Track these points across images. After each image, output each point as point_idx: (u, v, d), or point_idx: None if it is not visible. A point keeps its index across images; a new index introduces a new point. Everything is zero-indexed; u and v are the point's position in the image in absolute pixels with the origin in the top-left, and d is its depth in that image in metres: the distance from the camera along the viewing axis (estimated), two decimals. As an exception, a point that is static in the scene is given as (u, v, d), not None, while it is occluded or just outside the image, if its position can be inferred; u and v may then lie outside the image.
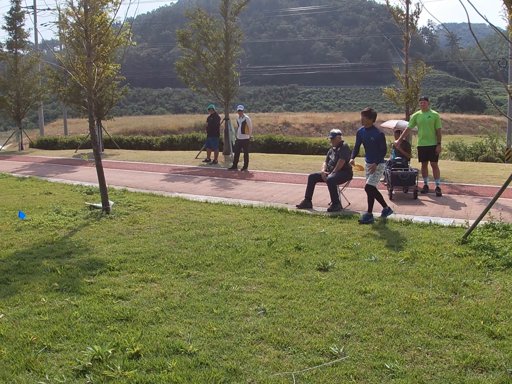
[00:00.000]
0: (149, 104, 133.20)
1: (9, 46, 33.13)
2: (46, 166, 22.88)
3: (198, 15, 22.64)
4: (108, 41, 11.92)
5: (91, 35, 11.43)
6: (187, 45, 23.02)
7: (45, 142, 37.72)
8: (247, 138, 18.56)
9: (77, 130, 58.19)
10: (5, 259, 8.33)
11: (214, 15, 23.46)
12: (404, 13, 17.81)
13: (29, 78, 33.04)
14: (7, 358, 4.95)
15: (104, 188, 11.60)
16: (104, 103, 27.73)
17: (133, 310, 5.92)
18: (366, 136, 10.49)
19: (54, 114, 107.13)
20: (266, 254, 8.02)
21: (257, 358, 4.80)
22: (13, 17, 33.20)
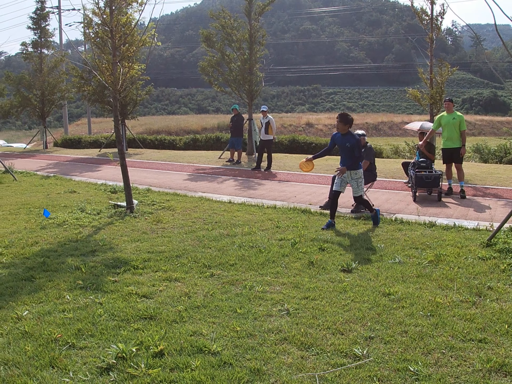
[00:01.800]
0: (173, 104, 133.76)
1: (34, 45, 33.49)
2: (71, 165, 23.07)
3: (222, 15, 22.69)
4: (133, 42, 11.99)
5: (117, 35, 11.49)
6: (211, 46, 23.07)
7: (69, 141, 38.03)
8: (270, 138, 18.56)
9: (101, 130, 58.62)
10: (30, 256, 8.41)
11: (238, 15, 23.48)
12: (428, 14, 17.69)
13: (54, 77, 33.35)
14: (31, 355, 4.99)
15: (128, 187, 11.66)
16: (128, 103, 27.90)
17: (157, 308, 5.94)
18: (342, 141, 10.05)
19: (78, 114, 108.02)
20: (289, 254, 8.01)
21: (281, 358, 4.79)
22: (38, 17, 33.57)
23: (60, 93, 34.02)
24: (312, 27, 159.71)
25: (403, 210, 11.38)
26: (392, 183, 14.84)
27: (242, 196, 13.46)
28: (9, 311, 6.12)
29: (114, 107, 11.83)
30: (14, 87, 33.52)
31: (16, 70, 45.16)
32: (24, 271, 7.62)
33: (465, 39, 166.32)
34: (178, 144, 32.60)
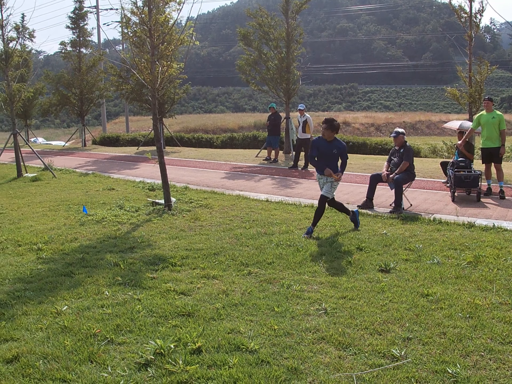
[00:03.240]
0: (209, 103, 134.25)
1: (73, 45, 33.87)
2: (109, 163, 23.30)
3: (259, 14, 22.65)
4: (171, 40, 12.05)
5: (155, 34, 11.57)
6: (249, 44, 23.06)
7: (107, 139, 38.41)
8: (308, 137, 18.50)
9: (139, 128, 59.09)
10: (69, 252, 8.54)
11: (275, 14, 23.42)
12: (467, 11, 17.44)
13: (92, 76, 33.69)
14: (70, 349, 5.06)
15: (166, 185, 11.74)
16: (166, 101, 28.03)
17: (194, 306, 5.98)
18: (328, 148, 9.48)
19: (116, 112, 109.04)
20: (327, 253, 7.98)
21: (318, 357, 4.78)
22: (76, 16, 33.95)
23: (98, 92, 34.37)
24: (348, 25, 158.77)
25: (441, 210, 11.25)
26: (431, 182, 14.68)
27: (279, 194, 13.44)
28: (48, 306, 6.22)
29: (153, 106, 11.91)
30: (53, 85, 33.97)
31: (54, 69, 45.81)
32: (63, 267, 7.74)
33: (504, 37, 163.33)
34: (215, 142, 32.69)
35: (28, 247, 8.97)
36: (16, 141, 19.19)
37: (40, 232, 10.00)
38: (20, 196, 14.65)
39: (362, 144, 26.83)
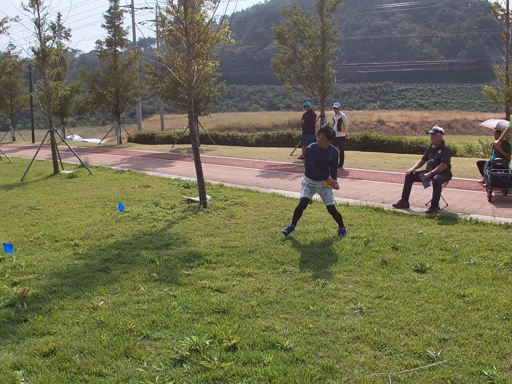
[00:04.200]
0: (244, 101, 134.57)
1: (109, 43, 34.29)
2: (144, 160, 23.48)
3: (294, 12, 22.59)
4: (207, 39, 12.09)
5: (191, 33, 11.62)
6: (283, 42, 23.04)
7: (142, 137, 38.74)
8: (343, 135, 18.43)
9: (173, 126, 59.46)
10: (106, 248, 8.65)
11: (310, 12, 23.34)
12: (503, 8, 17.18)
13: (128, 74, 34.02)
14: (106, 344, 5.13)
15: (202, 182, 11.79)
16: (201, 99, 28.15)
17: (230, 303, 6.00)
18: (323, 155, 9.19)
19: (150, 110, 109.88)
20: (362, 253, 7.94)
21: (353, 357, 4.77)
22: (111, 15, 34.37)
23: (134, 90, 34.69)
24: (383, 23, 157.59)
25: (478, 210, 11.11)
26: (467, 182, 14.50)
27: (314, 193, 13.38)
28: (85, 300, 6.31)
29: (189, 104, 11.96)
30: (89, 84, 34.39)
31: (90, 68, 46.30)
32: (99, 263, 7.84)
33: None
34: (250, 140, 32.72)
35: (64, 243, 9.10)
36: (53, 139, 19.44)
37: (77, 228, 10.13)
38: (56, 192, 14.85)
39: (397, 143, 26.63)
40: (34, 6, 18.37)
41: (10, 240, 9.39)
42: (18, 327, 5.63)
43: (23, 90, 46.62)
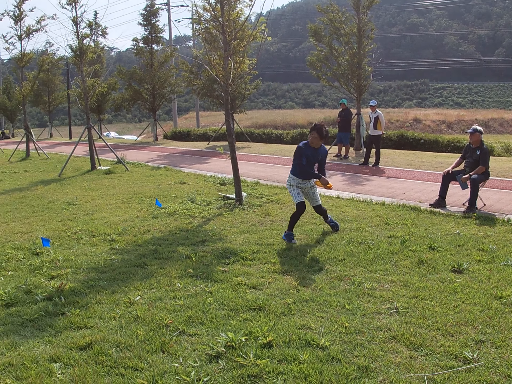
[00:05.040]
0: (279, 99, 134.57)
1: (145, 41, 34.58)
2: (180, 157, 23.62)
3: (330, 9, 22.53)
4: (243, 36, 12.10)
5: (227, 30, 11.64)
6: (319, 40, 22.99)
7: (178, 134, 38.96)
8: (379, 134, 18.29)
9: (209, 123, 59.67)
10: (142, 244, 8.73)
11: (346, 9, 23.24)
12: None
13: (164, 72, 34.25)
14: (142, 339, 5.18)
15: (238, 180, 11.82)
16: (237, 97, 28.20)
17: (265, 300, 6.01)
18: (314, 155, 8.90)
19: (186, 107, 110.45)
20: (399, 252, 7.87)
21: (389, 357, 4.74)
22: (148, 13, 34.62)
23: (170, 87, 34.91)
24: (419, 20, 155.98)
25: None
26: (504, 182, 14.29)
27: (350, 191, 13.32)
28: (121, 295, 6.38)
29: (225, 101, 11.99)
30: (126, 81, 34.74)
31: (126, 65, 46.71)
32: (136, 258, 7.92)
33: None
34: (285, 138, 32.64)
35: (102, 238, 9.21)
36: (90, 135, 19.65)
37: (114, 224, 10.24)
38: (94, 188, 15.03)
39: (433, 142, 26.32)
40: (72, 5, 18.62)
41: (48, 235, 9.54)
42: (55, 320, 5.72)
43: (60, 87, 47.31)
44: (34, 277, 7.28)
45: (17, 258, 8.24)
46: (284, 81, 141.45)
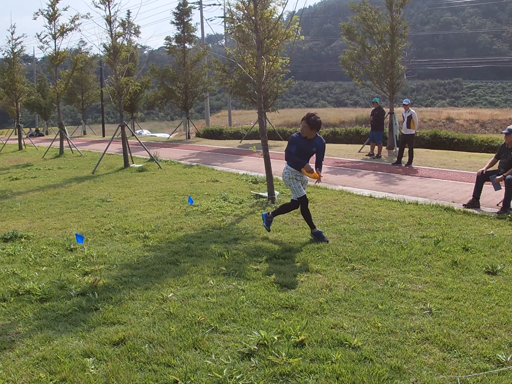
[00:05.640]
0: (311, 97, 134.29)
1: (178, 40, 34.80)
2: (212, 155, 23.72)
3: (363, 7, 22.43)
4: (277, 35, 12.11)
5: (260, 29, 11.66)
6: (352, 38, 22.92)
7: (210, 132, 39.14)
8: (412, 133, 18.16)
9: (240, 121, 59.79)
10: (175, 241, 8.79)
11: (379, 7, 23.10)
12: None
13: (197, 70, 34.43)
14: (175, 335, 5.21)
15: (270, 178, 11.83)
16: (269, 95, 28.20)
17: (298, 299, 6.01)
18: (307, 146, 8.69)
19: (218, 106, 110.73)
20: (432, 253, 7.80)
21: (422, 358, 4.70)
22: (180, 12, 34.81)
23: (202, 86, 35.07)
24: (452, 18, 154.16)
25: None
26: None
27: (382, 191, 13.25)
28: (154, 292, 6.43)
29: (258, 100, 12.01)
30: (159, 79, 35.01)
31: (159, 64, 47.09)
32: (169, 255, 7.98)
33: None
34: (317, 137, 32.52)
35: (135, 235, 9.29)
36: (124, 133, 19.84)
37: (147, 221, 10.32)
38: (127, 185, 15.17)
39: (467, 141, 26.07)
40: (105, 4, 18.83)
41: (82, 231, 9.64)
42: (89, 316, 5.79)
43: (93, 86, 47.91)
44: (68, 272, 7.38)
45: (51, 253, 8.36)
46: (316, 79, 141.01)
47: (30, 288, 6.61)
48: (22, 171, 20.48)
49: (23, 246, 8.90)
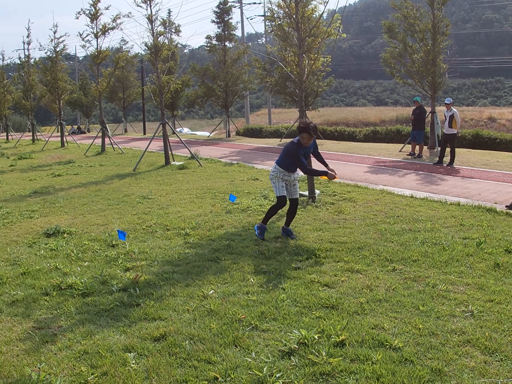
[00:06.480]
0: (351, 96, 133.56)
1: (218, 39, 35.00)
2: (252, 153, 23.78)
3: (404, 5, 22.23)
4: (318, 33, 12.09)
5: (302, 27, 11.65)
6: (393, 37, 22.74)
7: (250, 130, 39.22)
8: (454, 132, 17.95)
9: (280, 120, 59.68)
10: (216, 238, 8.86)
11: (420, 5, 22.87)
12: None
13: (237, 69, 34.54)
14: (216, 332, 5.27)
15: (311, 177, 11.81)
16: (310, 94, 28.15)
17: (338, 298, 6.01)
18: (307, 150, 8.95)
19: (258, 104, 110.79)
20: (474, 254, 7.71)
21: (463, 361, 4.66)
22: (221, 11, 35.00)
23: (242, 84, 35.18)
24: (494, 16, 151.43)
25: None
26: None
27: (424, 191, 13.11)
28: (195, 289, 6.50)
29: (300, 98, 12.02)
30: (199, 78, 35.23)
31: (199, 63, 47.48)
32: (210, 252, 8.05)
33: None
34: (358, 136, 32.38)
35: (176, 232, 9.39)
36: (165, 131, 20.00)
37: (188, 218, 10.41)
38: (168, 183, 15.31)
39: (510, 142, 25.63)
40: (147, 3, 19.01)
41: (123, 227, 9.79)
42: (130, 311, 5.89)
43: (134, 84, 48.40)
44: (110, 268, 7.52)
45: (93, 249, 8.51)
46: (356, 78, 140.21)
47: (72, 283, 6.75)
48: (65, 167, 20.81)
49: (65, 241, 9.08)
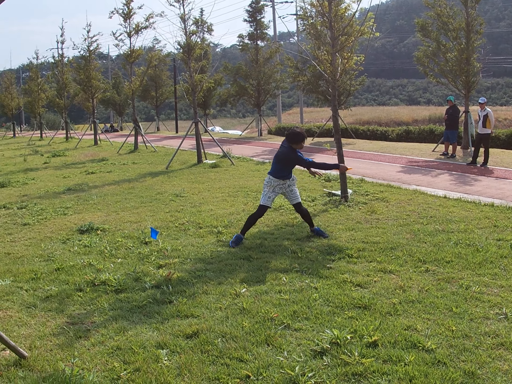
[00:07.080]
0: (383, 95, 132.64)
1: (250, 37, 35.12)
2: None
3: (438, 4, 22.02)
4: (351, 32, 12.04)
5: (335, 26, 11.62)
6: (427, 35, 22.55)
7: (282, 129, 39.13)
8: (488, 132, 17.76)
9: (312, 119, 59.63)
10: (248, 237, 8.88)
11: (454, 3, 22.64)
12: None
13: (269, 68, 34.60)
14: (248, 331, 5.29)
15: (343, 176, 11.79)
16: (342, 93, 28.07)
17: (371, 299, 5.99)
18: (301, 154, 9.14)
19: (289, 103, 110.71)
20: (508, 256, 7.60)
21: (497, 364, 4.61)
22: (253, 10, 35.11)
23: (275, 83, 35.21)
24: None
25: None
26: None
27: (457, 191, 13.00)
28: (228, 287, 6.54)
29: (333, 97, 11.99)
30: (231, 77, 35.39)
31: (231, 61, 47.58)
32: (242, 251, 8.09)
33: None
34: (390, 135, 32.15)
35: (208, 230, 9.45)
36: (197, 129, 20.10)
37: (220, 216, 10.46)
38: (200, 181, 15.38)
39: (546, 142, 25.26)
40: (180, 2, 19.15)
41: (156, 225, 9.87)
42: (163, 308, 5.94)
43: (167, 83, 48.73)
44: (143, 265, 7.59)
45: (127, 246, 8.61)
46: (388, 77, 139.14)
47: (105, 279, 6.84)
48: (98, 165, 21.03)
49: (99, 238, 9.19)
